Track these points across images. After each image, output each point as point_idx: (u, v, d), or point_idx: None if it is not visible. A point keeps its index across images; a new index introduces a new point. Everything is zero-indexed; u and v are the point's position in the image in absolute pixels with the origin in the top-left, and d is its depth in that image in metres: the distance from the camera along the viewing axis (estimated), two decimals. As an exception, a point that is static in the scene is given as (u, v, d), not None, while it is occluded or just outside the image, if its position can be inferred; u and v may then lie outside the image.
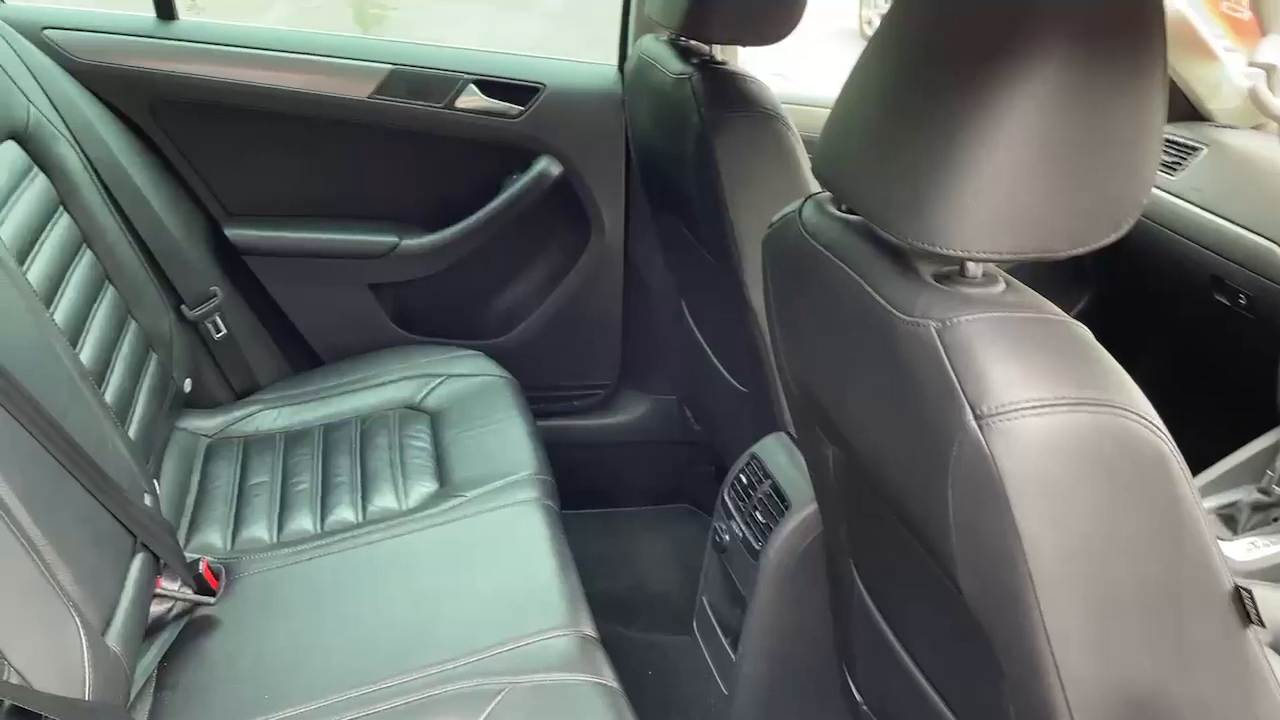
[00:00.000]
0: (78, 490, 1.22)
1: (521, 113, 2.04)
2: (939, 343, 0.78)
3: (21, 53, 1.67)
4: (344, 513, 1.65)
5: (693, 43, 1.68)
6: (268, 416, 1.92)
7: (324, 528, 1.63)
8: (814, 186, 1.49)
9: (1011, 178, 0.76)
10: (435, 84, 2.00)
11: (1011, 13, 0.76)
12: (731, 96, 1.51)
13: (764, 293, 1.16)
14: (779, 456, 1.52)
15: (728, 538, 1.54)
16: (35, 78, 1.66)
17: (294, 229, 2.06)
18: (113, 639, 1.18)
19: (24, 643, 1.04)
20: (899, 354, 0.83)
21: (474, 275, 2.17)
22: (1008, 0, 0.77)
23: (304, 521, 1.64)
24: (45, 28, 1.84)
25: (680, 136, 1.55)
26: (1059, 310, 0.82)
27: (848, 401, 1.00)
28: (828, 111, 0.95)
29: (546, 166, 2.07)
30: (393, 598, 1.44)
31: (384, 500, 1.67)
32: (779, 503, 1.46)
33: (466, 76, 2.02)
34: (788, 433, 1.56)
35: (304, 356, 2.15)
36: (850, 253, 0.92)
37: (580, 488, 2.09)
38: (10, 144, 1.54)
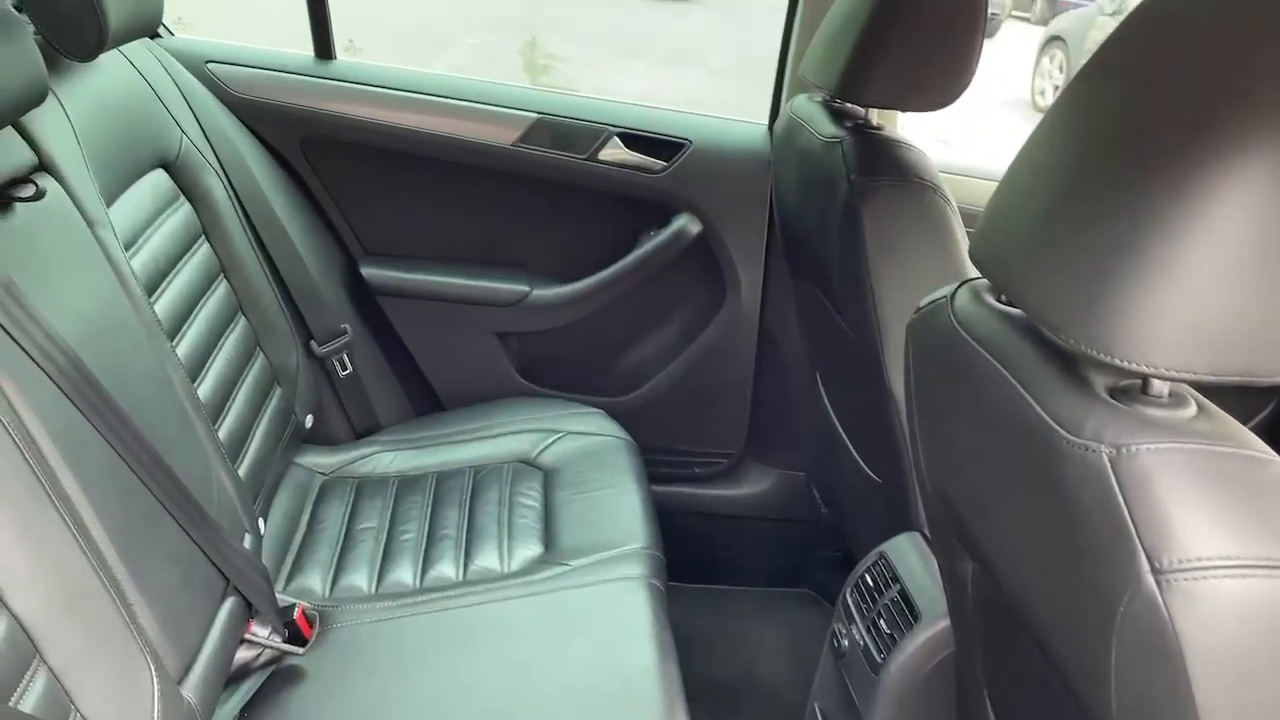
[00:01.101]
0: (173, 528, 1.19)
1: (664, 168, 1.98)
2: (1112, 473, 0.65)
3: (182, 84, 1.71)
4: (445, 569, 1.60)
5: (848, 105, 1.58)
6: (384, 459, 1.90)
7: (423, 583, 1.57)
8: (970, 268, 1.36)
9: (1216, 282, 0.63)
10: (579, 134, 1.97)
11: (1226, 86, 0.63)
12: (884, 163, 1.40)
13: (905, 380, 1.04)
14: (911, 560, 1.38)
15: (847, 643, 1.41)
16: (192, 109, 1.70)
17: (427, 271, 2.05)
18: (190, 687, 1.14)
19: (94, 688, 1.00)
20: (1061, 479, 0.70)
21: (602, 330, 2.11)
22: (1222, 72, 0.64)
23: (404, 574, 1.59)
24: (208, 61, 1.90)
25: (827, 202, 1.45)
26: (1265, 447, 0.67)
27: (993, 520, 0.87)
28: (993, 185, 0.84)
29: (685, 224, 2.00)
30: (482, 668, 1.37)
31: (487, 560, 1.61)
32: (907, 612, 1.32)
33: (611, 128, 1.97)
34: (923, 534, 1.42)
35: (426, 400, 2.12)
36: (1008, 352, 0.80)
37: (692, 560, 1.99)
38: (159, 172, 1.57)
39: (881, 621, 1.34)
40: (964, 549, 1.02)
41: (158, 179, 1.56)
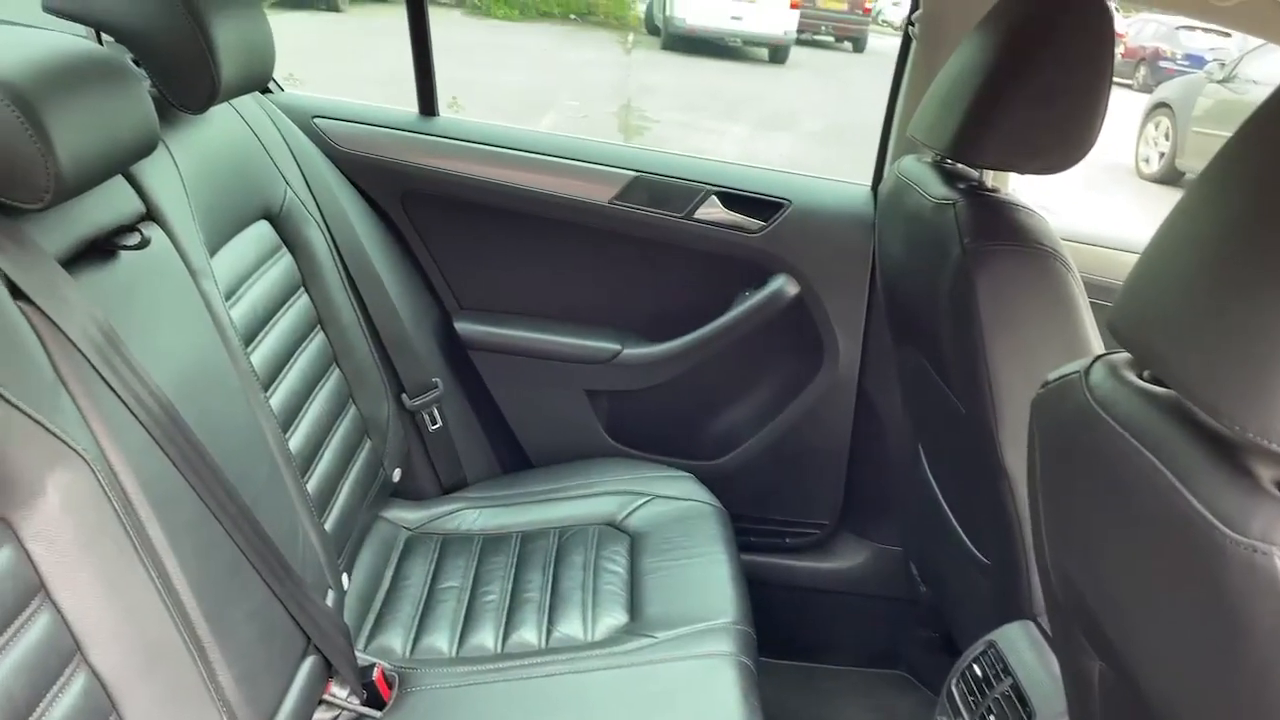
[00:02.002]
0: (256, 583, 1.17)
1: (762, 228, 1.93)
2: None
3: (289, 138, 1.74)
4: (527, 634, 1.55)
5: (959, 166, 1.51)
6: (469, 516, 1.87)
7: (504, 648, 1.53)
8: (1095, 340, 1.27)
9: None
10: (676, 193, 1.94)
11: None
12: (1001, 227, 1.33)
13: (1029, 460, 0.96)
14: (1024, 651, 1.28)
15: (951, 738, 1.31)
16: (297, 162, 1.72)
17: (519, 327, 2.03)
18: (265, 750, 1.10)
19: (169, 747, 0.97)
20: (1222, 581, 0.63)
21: (693, 392, 2.06)
22: None
23: (486, 637, 1.54)
24: (315, 116, 1.93)
25: (936, 267, 1.38)
26: None
27: (1134, 621, 0.78)
28: (1115, 253, 0.77)
29: (783, 285, 1.95)
30: (562, 743, 1.31)
31: (570, 627, 1.55)
32: (1020, 709, 1.22)
33: (709, 187, 1.94)
34: (1037, 623, 1.32)
35: (513, 456, 2.10)
36: (1155, 435, 0.73)
37: (782, 635, 1.90)
38: (263, 223, 1.58)
39: (992, 716, 1.25)
40: (1091, 646, 0.93)
41: (261, 230, 1.58)
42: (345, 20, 10.39)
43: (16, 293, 0.94)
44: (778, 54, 11.93)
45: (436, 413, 1.91)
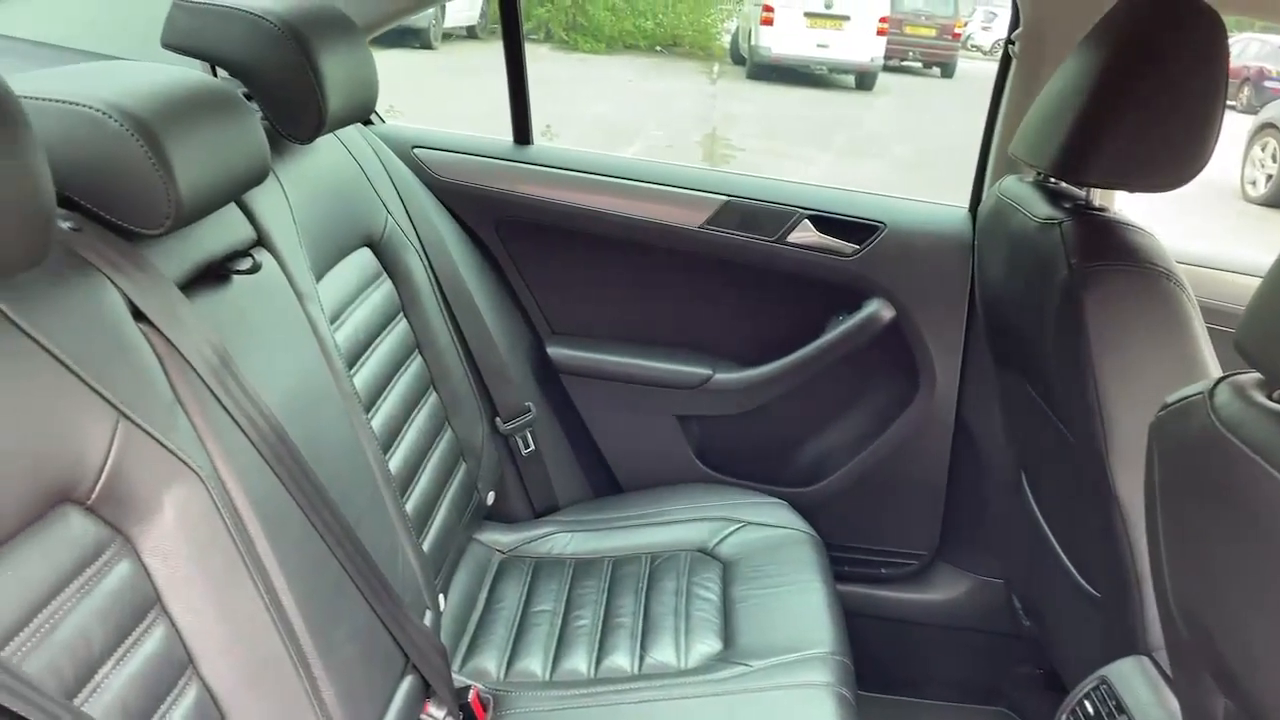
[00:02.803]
0: (358, 602, 1.19)
1: (856, 251, 1.91)
2: None
3: (390, 168, 1.78)
4: (620, 659, 1.54)
5: (1064, 185, 1.48)
6: (561, 540, 1.87)
7: (597, 673, 1.52)
8: (1212, 362, 1.22)
9: None
10: (768, 217, 1.93)
11: None
12: (1111, 247, 1.28)
13: (1147, 487, 0.93)
14: (1139, 688, 1.23)
15: (1062, 777, 1.26)
16: (397, 191, 1.76)
17: (611, 352, 2.04)
18: (365, 767, 1.11)
19: (276, 762, 0.99)
20: None
21: (785, 418, 2.04)
22: None
23: (579, 662, 1.54)
24: (415, 146, 1.98)
25: (1042, 288, 1.35)
26: None
27: (1265, 656, 0.74)
28: (1232, 276, 0.74)
29: (878, 310, 1.92)
30: (657, 771, 1.30)
31: (663, 654, 1.54)
32: (1135, 748, 1.16)
33: (802, 211, 1.93)
34: (1152, 658, 1.26)
35: (605, 481, 2.10)
36: None
37: (877, 667, 1.85)
38: (365, 250, 1.62)
39: (1106, 757, 1.19)
40: (1217, 683, 0.88)
41: (363, 257, 1.62)
42: (437, 58, 10.67)
43: (138, 315, 0.98)
44: (865, 81, 11.85)
45: (529, 436, 1.93)
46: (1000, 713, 2.04)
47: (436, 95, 7.80)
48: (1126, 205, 1.68)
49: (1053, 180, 1.49)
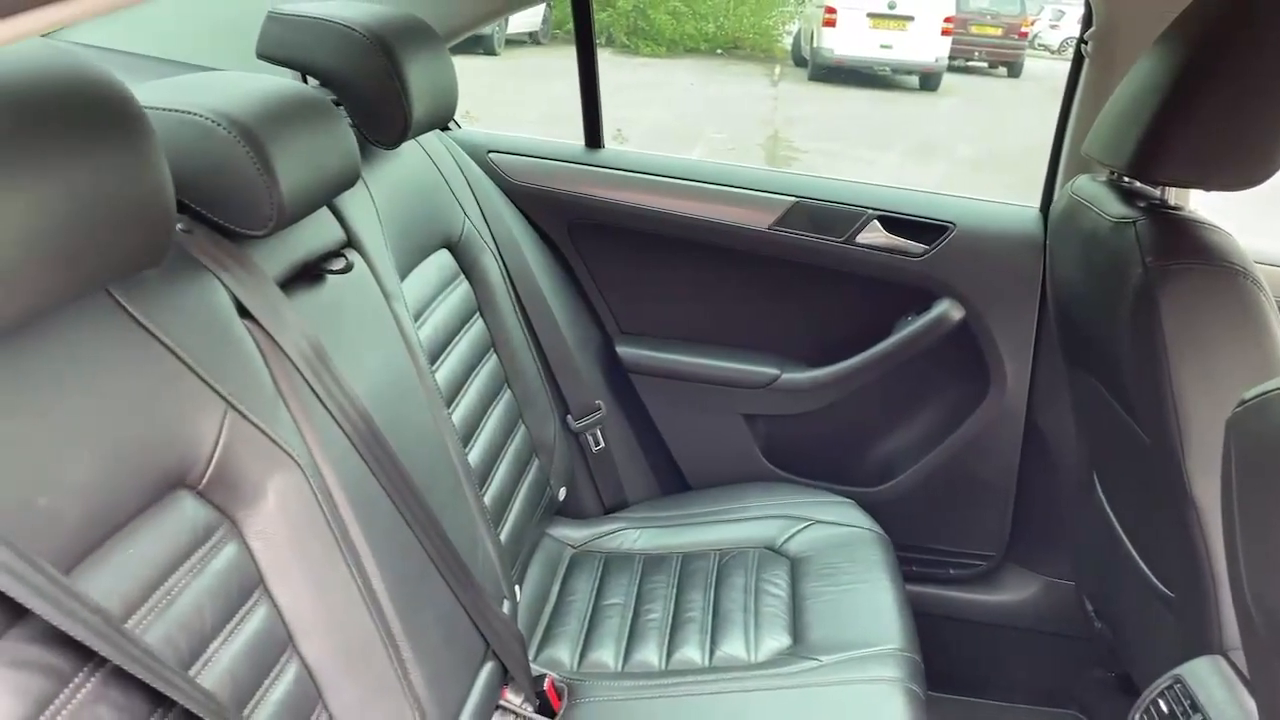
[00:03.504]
0: (442, 588, 1.23)
1: (925, 252, 1.92)
2: None
3: (467, 172, 1.84)
4: (690, 652, 1.57)
5: (1138, 185, 1.47)
6: (630, 535, 1.90)
7: (668, 665, 1.55)
8: (1292, 361, 1.21)
9: None
10: (837, 218, 1.95)
11: None
12: (1185, 245, 1.28)
13: (1224, 485, 0.93)
14: (1214, 688, 1.22)
15: (1136, 776, 1.25)
16: (474, 194, 1.82)
17: (679, 352, 2.07)
18: (449, 748, 1.16)
19: (368, 738, 1.04)
20: None
21: (853, 417, 2.05)
22: None
23: (650, 654, 1.57)
24: (490, 151, 2.03)
25: (1116, 288, 1.35)
26: None
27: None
28: None
29: (947, 310, 1.92)
30: (728, 761, 1.32)
31: (732, 647, 1.56)
32: (1211, 747, 1.16)
33: (871, 211, 1.94)
34: (1228, 658, 1.25)
35: (673, 479, 2.13)
36: None
37: (945, 668, 1.85)
38: (444, 252, 1.68)
39: (1181, 756, 1.19)
40: (1297, 682, 0.88)
41: (442, 258, 1.67)
42: (501, 63, 10.81)
43: (243, 311, 1.03)
44: (929, 81, 11.72)
45: (600, 434, 1.97)
46: (1071, 715, 2.03)
47: (502, 100, 7.91)
48: (1202, 205, 1.66)
49: (1127, 179, 1.48)
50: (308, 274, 1.19)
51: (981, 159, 8.25)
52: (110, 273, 0.78)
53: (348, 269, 1.23)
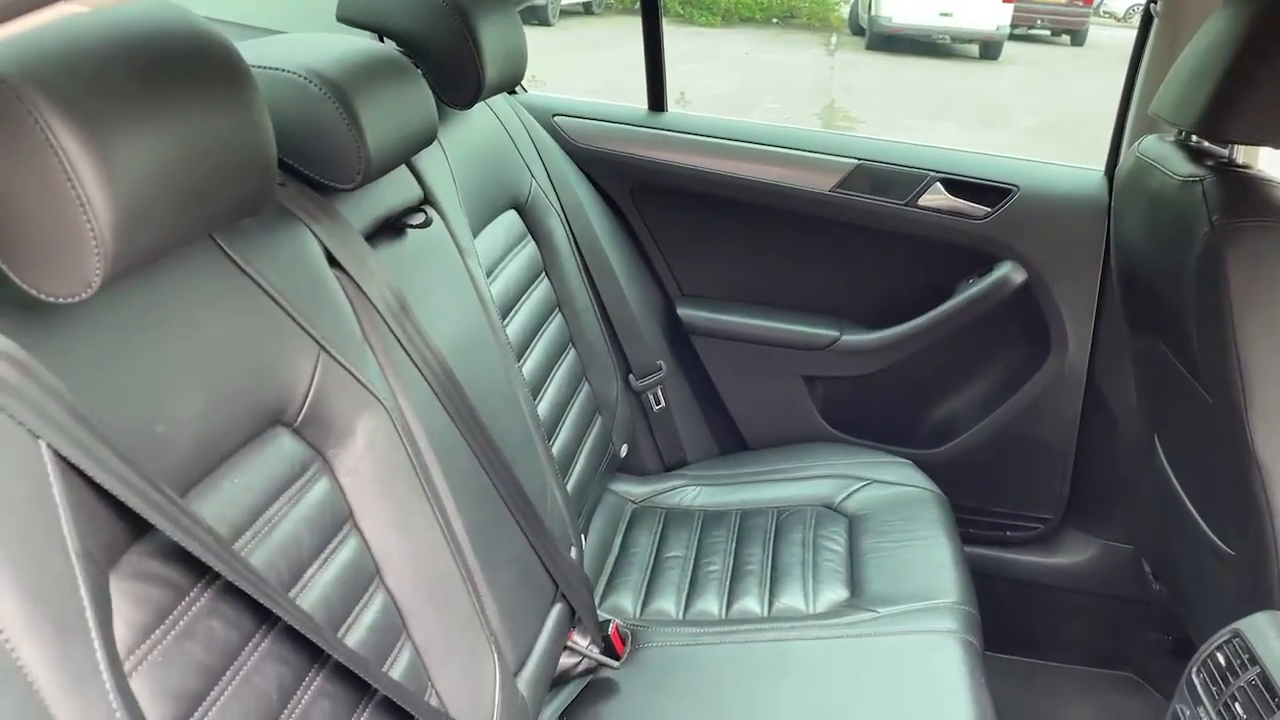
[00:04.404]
0: (515, 532, 1.29)
1: (988, 214, 1.92)
2: None
3: (533, 135, 1.88)
4: (750, 603, 1.61)
5: (1206, 144, 1.47)
6: (689, 492, 1.94)
7: (728, 614, 1.59)
8: (1361, 319, 1.21)
9: None
10: (899, 180, 1.95)
11: None
12: (1254, 203, 1.28)
13: None
14: (1273, 641, 1.23)
15: (1192, 727, 1.27)
16: (541, 157, 1.86)
17: (739, 314, 2.10)
18: (523, 683, 1.21)
19: (448, 669, 1.10)
20: None
21: (912, 380, 2.07)
22: None
23: (710, 604, 1.62)
24: (555, 115, 2.07)
25: (1181, 248, 1.35)
26: None
27: None
28: None
29: (1009, 273, 1.92)
30: (789, 703, 1.37)
31: (791, 599, 1.60)
32: (1267, 697, 1.17)
33: (933, 174, 1.94)
34: (1288, 614, 1.26)
35: (731, 439, 2.16)
36: None
37: (1001, 629, 1.87)
38: (511, 213, 1.72)
39: (1236, 705, 1.21)
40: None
41: (510, 219, 1.71)
42: (556, 34, 10.82)
43: (332, 261, 1.09)
44: (989, 50, 11.49)
45: (660, 393, 2.01)
46: (1126, 678, 2.04)
47: (558, 70, 7.94)
48: (1272, 164, 1.65)
49: (1194, 139, 1.48)
50: (389, 228, 1.24)
51: (1042, 129, 8.10)
52: (221, 218, 0.83)
53: (427, 224, 1.28)
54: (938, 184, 1.94)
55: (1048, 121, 8.28)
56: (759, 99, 8.87)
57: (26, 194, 0.66)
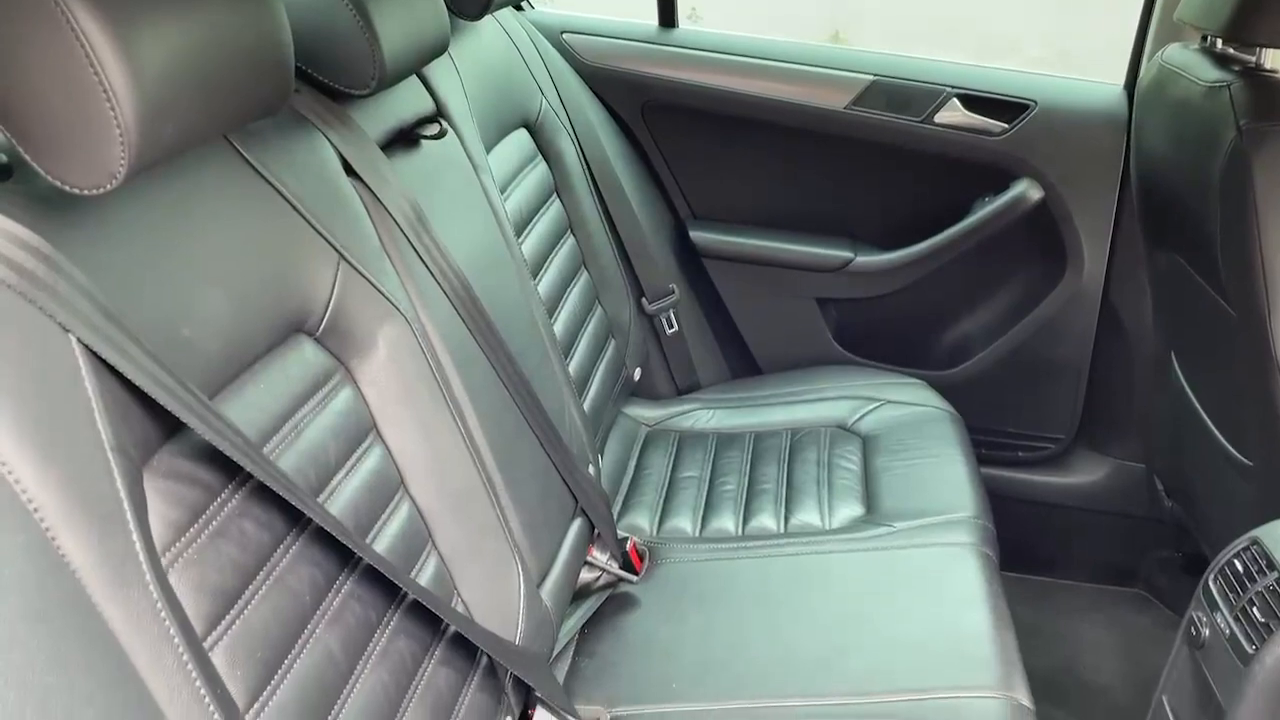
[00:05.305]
0: (535, 446, 1.29)
1: (1005, 130, 1.89)
2: None
3: (542, 53, 1.84)
4: (766, 520, 1.62)
5: (1232, 50, 1.44)
6: (703, 415, 1.94)
7: (744, 531, 1.60)
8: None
9: None
10: (916, 96, 1.92)
11: None
12: (1282, 107, 1.26)
13: None
14: (1292, 547, 1.24)
15: (1208, 632, 1.28)
16: (551, 76, 1.82)
17: (752, 236, 2.08)
18: (546, 593, 1.22)
19: (473, 577, 1.10)
20: None
21: (926, 300, 2.05)
22: None
23: (726, 522, 1.63)
24: (564, 32, 2.03)
25: (1207, 156, 1.33)
26: None
27: None
28: None
29: (1025, 190, 1.89)
30: (807, 614, 1.38)
31: (807, 515, 1.61)
32: (1286, 603, 1.18)
33: (950, 90, 1.91)
34: (1307, 521, 1.26)
35: (744, 362, 2.16)
36: None
37: (1014, 548, 1.89)
38: (522, 131, 1.69)
39: (1255, 609, 1.21)
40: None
41: (521, 138, 1.69)
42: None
43: (349, 170, 1.07)
44: (997, -24, 11.26)
45: (673, 317, 2.00)
46: (1135, 594, 2.06)
47: None
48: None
49: (1220, 45, 1.45)
50: (403, 139, 1.22)
51: (1053, 59, 7.96)
52: (241, 115, 0.81)
53: (441, 135, 1.26)
54: (954, 100, 1.91)
55: (1059, 52, 8.14)
56: (757, 29, 8.70)
57: (51, 84, 0.65)
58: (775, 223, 2.09)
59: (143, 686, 0.64)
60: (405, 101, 1.26)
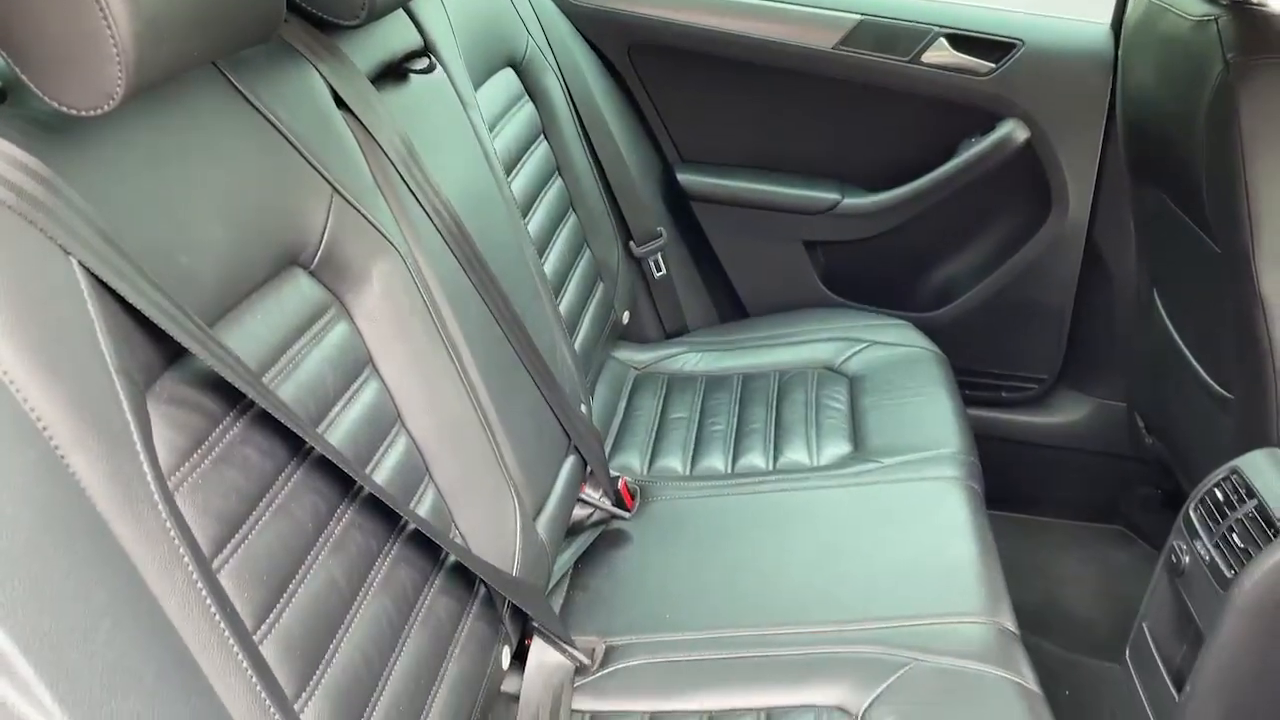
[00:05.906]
0: (528, 383, 1.30)
1: (991, 70, 1.88)
2: None
3: (530, -9, 1.82)
4: (755, 459, 1.63)
5: (1221, -16, 1.44)
6: (691, 358, 1.96)
7: (734, 469, 1.62)
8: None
9: None
10: (903, 36, 1.91)
11: None
12: (1270, 40, 1.27)
13: None
14: (1269, 474, 1.27)
15: (1188, 559, 1.31)
16: (537, 14, 1.81)
17: (739, 178, 2.07)
18: (541, 527, 1.24)
19: (471, 510, 1.12)
20: None
21: (912, 242, 2.06)
22: None
23: (716, 461, 1.64)
24: None
25: (1193, 90, 1.34)
26: None
27: None
28: None
29: (1011, 131, 1.90)
30: (797, 548, 1.40)
31: (795, 454, 1.63)
32: (1264, 527, 1.21)
33: (938, 29, 1.90)
34: (1285, 450, 1.29)
35: (732, 306, 2.17)
36: None
37: (997, 487, 1.92)
38: (508, 71, 1.68)
39: (1234, 535, 1.25)
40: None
41: (508, 77, 1.68)
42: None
43: (339, 102, 1.06)
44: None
45: (661, 260, 2.00)
46: (1115, 530, 2.10)
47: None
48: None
49: None
50: (392, 73, 1.21)
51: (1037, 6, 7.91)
52: (235, 39, 0.81)
53: (430, 69, 1.25)
54: (942, 39, 1.90)
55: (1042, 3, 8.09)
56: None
57: (48, 3, 0.64)
58: (763, 165, 2.09)
59: (155, 603, 0.65)
60: (393, 35, 1.24)
